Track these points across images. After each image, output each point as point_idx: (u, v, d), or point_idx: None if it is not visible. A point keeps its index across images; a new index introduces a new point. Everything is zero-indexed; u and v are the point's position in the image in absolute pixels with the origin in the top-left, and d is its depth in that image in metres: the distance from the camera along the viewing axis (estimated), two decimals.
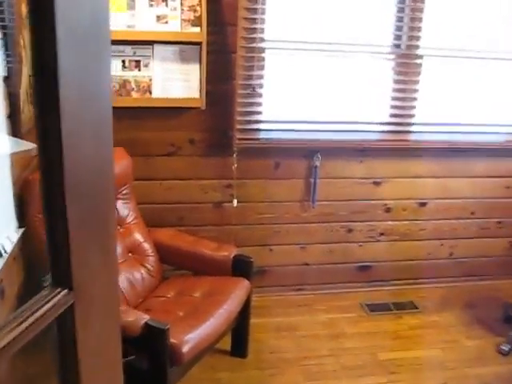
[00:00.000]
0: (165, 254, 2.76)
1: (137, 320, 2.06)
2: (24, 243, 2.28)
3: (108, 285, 1.10)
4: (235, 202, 3.07)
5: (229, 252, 2.66)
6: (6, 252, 1.98)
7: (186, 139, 2.98)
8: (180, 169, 3.02)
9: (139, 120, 2.90)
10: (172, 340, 2.07)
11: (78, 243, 0.93)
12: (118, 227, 2.68)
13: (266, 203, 3.16)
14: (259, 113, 2.95)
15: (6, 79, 2.10)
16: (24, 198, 2.25)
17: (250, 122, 2.94)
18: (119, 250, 2.63)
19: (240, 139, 2.92)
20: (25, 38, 2.27)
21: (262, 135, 2.98)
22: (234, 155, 2.98)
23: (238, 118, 2.89)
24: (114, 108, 2.69)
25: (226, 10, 2.77)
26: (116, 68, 2.74)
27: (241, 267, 2.63)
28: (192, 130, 2.96)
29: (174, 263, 2.79)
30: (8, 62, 2.09)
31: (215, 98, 2.90)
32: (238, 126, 2.90)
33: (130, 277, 2.62)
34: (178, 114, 2.89)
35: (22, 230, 2.22)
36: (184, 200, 3.08)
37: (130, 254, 2.68)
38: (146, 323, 2.05)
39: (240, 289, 2.54)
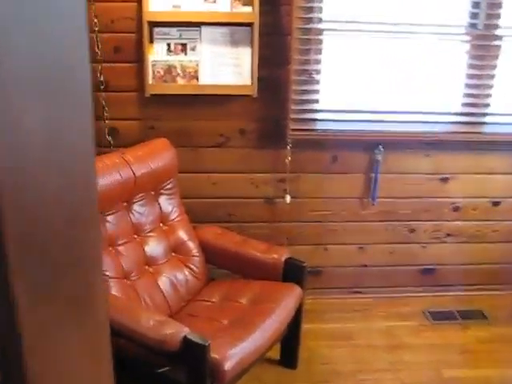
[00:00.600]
0: (210, 254, 2.56)
1: (176, 333, 1.86)
2: None
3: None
4: (288, 197, 2.83)
5: (279, 255, 2.43)
6: None
7: (237, 129, 2.75)
8: (229, 161, 2.80)
9: (185, 108, 2.69)
10: (214, 355, 1.87)
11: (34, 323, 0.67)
12: (161, 224, 2.50)
13: (322, 199, 2.90)
14: (316, 101, 2.68)
15: None
16: None
17: (305, 111, 2.68)
18: (161, 249, 2.46)
19: (294, 130, 2.66)
20: None
21: (319, 126, 2.72)
22: (288, 147, 2.74)
23: (293, 107, 2.64)
24: (157, 95, 2.51)
25: None
26: (161, 52, 2.54)
27: (293, 272, 2.39)
28: (243, 119, 2.73)
29: (220, 264, 2.58)
30: None
31: (268, 85, 2.66)
32: (293, 116, 2.65)
33: (173, 279, 2.44)
34: (227, 101, 2.67)
35: None
36: (233, 195, 2.86)
37: (173, 254, 2.50)
38: (185, 337, 1.85)
39: (291, 296, 2.31)
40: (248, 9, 2.46)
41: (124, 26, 2.54)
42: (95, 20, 2.51)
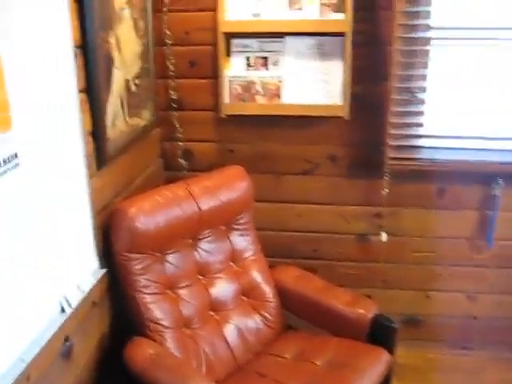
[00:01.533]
0: (287, 300, 2.21)
1: None
2: (108, 287, 1.90)
3: None
4: (384, 235, 2.41)
5: (366, 310, 2.02)
6: (70, 306, 1.58)
7: (326, 155, 2.38)
8: (317, 191, 2.44)
9: (267, 130, 2.37)
10: None
11: None
12: (232, 264, 2.19)
13: (425, 239, 2.44)
14: (419, 125, 2.24)
15: (86, 90, 1.70)
16: (109, 232, 1.85)
17: (407, 136, 2.25)
18: (230, 292, 2.15)
19: (393, 158, 2.24)
20: (119, 36, 1.85)
21: (423, 154, 2.26)
22: (386, 177, 2.31)
23: (392, 132, 2.21)
24: (235, 116, 2.21)
25: None
26: (239, 66, 2.23)
27: (381, 333, 1.98)
28: (332, 143, 2.36)
29: (297, 313, 2.22)
30: (88, 68, 1.68)
31: (362, 105, 2.26)
32: (392, 142, 2.23)
33: (242, 327, 2.12)
34: (315, 123, 2.30)
35: (103, 271, 1.83)
36: (320, 229, 2.49)
37: (243, 298, 2.18)
38: None
39: (377, 364, 1.90)
40: (340, 16, 2.08)
41: (200, 38, 2.27)
42: (167, 32, 2.26)
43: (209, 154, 2.44)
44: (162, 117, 2.39)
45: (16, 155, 1.34)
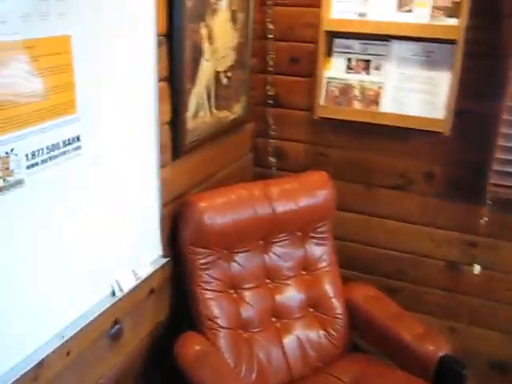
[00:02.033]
0: (355, 320, 2.08)
1: None
2: (170, 276, 1.90)
3: None
4: (478, 267, 2.17)
5: (436, 347, 1.83)
6: (121, 291, 1.60)
7: (422, 172, 2.19)
8: (409, 208, 2.26)
9: (362, 137, 2.23)
10: None
11: None
12: (303, 272, 2.10)
13: None
14: None
15: (168, 79, 1.69)
16: (177, 223, 1.84)
17: None
18: (297, 301, 2.07)
19: (497, 185, 2.00)
20: (211, 27, 1.83)
21: None
22: (487, 205, 2.07)
23: (499, 156, 1.97)
24: (330, 119, 2.11)
25: None
26: (339, 68, 2.11)
27: (447, 376, 1.78)
28: (431, 160, 2.16)
29: (364, 335, 2.08)
30: (172, 57, 1.67)
31: (468, 122, 2.04)
32: (498, 167, 1.98)
33: (303, 339, 2.03)
34: (413, 136, 2.12)
35: (166, 260, 1.83)
36: (408, 249, 2.31)
37: (310, 310, 2.08)
38: None
39: None
40: (452, 21, 1.88)
41: (304, 35, 2.19)
42: (270, 26, 2.19)
43: (300, 154, 2.36)
44: (257, 112, 2.35)
45: (78, 138, 1.37)
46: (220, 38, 1.90)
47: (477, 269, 2.17)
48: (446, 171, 2.14)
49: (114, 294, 1.60)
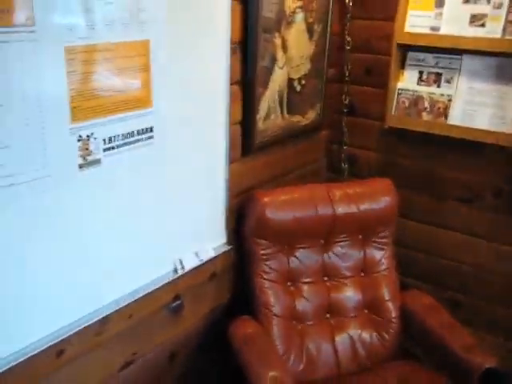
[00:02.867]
0: (409, 327, 2.12)
1: None
2: (233, 263, 2.07)
3: None
4: None
5: (483, 359, 1.83)
6: (183, 268, 1.80)
7: (491, 187, 2.18)
8: (476, 223, 2.25)
9: (431, 149, 2.27)
10: None
11: None
12: (362, 274, 2.18)
13: None
14: None
15: (240, 83, 1.87)
16: (242, 215, 2.01)
17: None
18: (353, 301, 2.15)
19: None
20: (286, 38, 1.98)
21: None
22: None
23: None
24: (400, 129, 2.18)
25: None
26: (411, 80, 2.18)
27: None
28: (500, 176, 2.15)
29: (415, 342, 2.11)
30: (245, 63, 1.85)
31: None
32: None
33: (356, 338, 2.10)
34: (483, 150, 2.12)
35: (228, 247, 2.00)
36: (472, 263, 2.30)
37: (365, 311, 2.15)
38: None
39: None
40: None
41: (380, 47, 2.28)
42: (348, 38, 2.31)
43: (371, 162, 2.44)
44: (333, 119, 2.47)
45: (151, 129, 1.59)
46: (294, 48, 2.05)
47: None
48: None
49: (176, 271, 1.79)
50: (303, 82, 2.16)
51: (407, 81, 2.19)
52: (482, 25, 1.96)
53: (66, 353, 1.49)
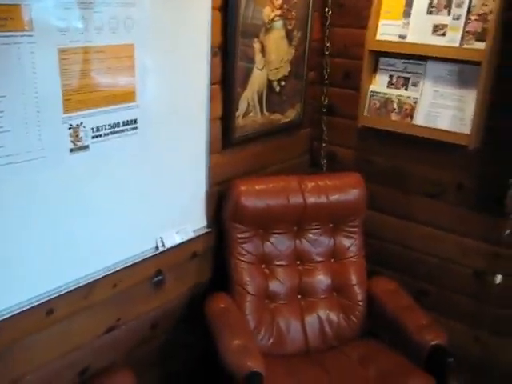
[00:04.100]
0: (373, 309, 2.31)
1: (244, 367, 1.80)
2: (213, 245, 2.28)
3: None
4: (499, 277, 2.30)
5: (432, 337, 2.02)
6: (163, 245, 2.02)
7: (454, 182, 2.36)
8: (441, 216, 2.43)
9: (401, 147, 2.45)
10: None
11: None
12: (332, 260, 2.38)
13: None
14: None
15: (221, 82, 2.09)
16: (223, 201, 2.22)
17: None
18: (323, 284, 2.35)
19: None
20: (264, 43, 2.20)
21: None
22: (509, 218, 2.21)
23: None
24: (373, 129, 2.38)
25: None
26: (382, 83, 2.38)
27: (437, 363, 1.97)
28: (462, 172, 2.33)
29: (376, 323, 2.30)
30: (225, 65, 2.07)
31: (496, 138, 2.19)
32: None
33: (324, 318, 2.31)
34: (446, 149, 2.30)
35: (207, 230, 2.22)
36: (438, 254, 2.48)
37: (334, 294, 2.35)
38: (248, 374, 1.78)
39: None
40: (481, 45, 2.07)
41: (356, 53, 2.47)
42: (327, 44, 2.51)
43: (348, 159, 2.64)
44: (314, 119, 2.67)
45: (135, 121, 1.81)
46: (273, 52, 2.26)
47: (498, 278, 2.29)
48: (476, 184, 2.30)
49: (157, 247, 2.02)
50: (283, 83, 2.37)
51: (378, 84, 2.39)
52: (443, 34, 2.15)
53: (55, 312, 1.72)
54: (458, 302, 2.45)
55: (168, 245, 2.04)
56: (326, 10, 2.48)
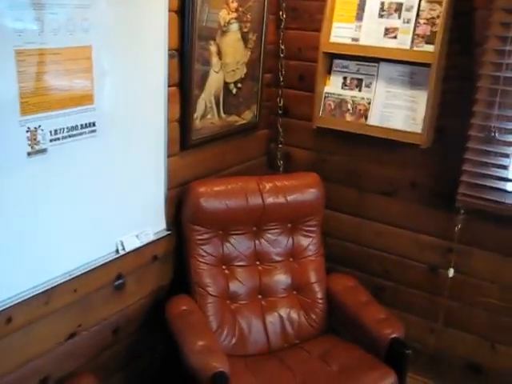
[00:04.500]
0: (333, 306, 2.36)
1: (209, 367, 1.81)
2: (173, 249, 2.28)
3: None
4: (451, 271, 2.39)
5: (391, 331, 2.08)
6: (124, 249, 2.00)
7: (407, 180, 2.45)
8: (396, 213, 2.51)
9: (356, 147, 2.52)
10: None
11: None
12: (291, 259, 2.42)
13: (496, 285, 2.34)
14: (503, 167, 2.17)
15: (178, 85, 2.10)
16: (182, 203, 2.22)
17: (485, 176, 2.20)
18: (283, 283, 2.39)
19: (465, 195, 2.22)
20: (220, 45, 2.22)
21: (507, 199, 2.18)
22: (461, 214, 2.30)
23: (467, 168, 2.20)
24: (328, 130, 2.42)
25: (476, 25, 2.11)
26: (336, 85, 2.44)
27: (395, 355, 2.03)
28: (415, 170, 2.41)
29: (337, 319, 2.35)
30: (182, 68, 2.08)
31: (445, 137, 2.29)
32: (466, 179, 2.21)
33: (285, 317, 2.34)
34: (399, 148, 2.38)
35: (167, 233, 2.22)
36: (394, 251, 2.56)
37: (294, 292, 2.39)
38: (214, 374, 1.78)
39: (380, 381, 1.98)
40: (430, 47, 2.15)
41: (310, 55, 2.52)
42: (282, 47, 2.56)
43: (304, 159, 2.68)
44: (270, 120, 2.71)
45: (94, 124, 1.80)
46: (230, 55, 2.28)
47: (451, 272, 2.38)
48: (428, 181, 2.39)
49: (117, 251, 2.00)
50: (239, 85, 2.40)
51: (333, 85, 2.44)
52: (395, 37, 2.23)
53: (14, 321, 1.68)
54: (414, 296, 2.53)
55: (128, 248, 2.02)
56: (280, 13, 2.52)
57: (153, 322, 2.23)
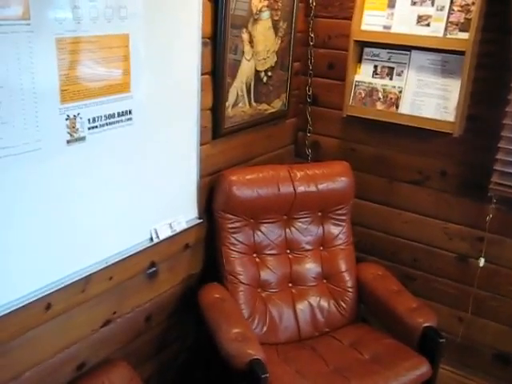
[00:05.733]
0: (362, 294, 2.36)
1: (245, 354, 1.82)
2: (205, 236, 2.29)
3: None
4: (482, 260, 2.38)
5: (423, 319, 2.08)
6: (158, 237, 2.01)
7: (438, 169, 2.43)
8: (425, 203, 2.50)
9: (386, 136, 2.51)
10: None
11: None
12: (321, 248, 2.42)
13: None
14: None
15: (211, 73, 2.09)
16: (213, 192, 2.23)
17: None
18: (313, 272, 2.39)
19: (499, 184, 2.20)
20: (252, 33, 2.21)
21: None
22: (493, 203, 2.29)
23: (501, 157, 2.18)
24: (358, 118, 2.42)
25: None
26: (367, 73, 2.42)
27: (428, 344, 2.03)
28: (445, 159, 2.40)
29: (367, 308, 2.36)
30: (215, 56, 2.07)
31: (478, 126, 2.26)
32: (499, 168, 2.19)
33: (315, 305, 2.34)
34: (429, 136, 2.36)
35: (199, 221, 2.22)
36: (423, 240, 2.55)
37: (324, 281, 2.39)
38: (250, 361, 1.79)
39: (414, 370, 1.98)
40: (464, 35, 2.13)
41: (340, 43, 2.51)
42: (312, 35, 2.54)
43: (333, 148, 2.68)
44: (299, 109, 2.70)
45: (130, 112, 1.80)
46: (261, 43, 2.27)
47: (481, 262, 2.37)
48: (459, 170, 2.37)
49: (151, 239, 2.01)
50: (270, 73, 2.39)
51: (363, 74, 2.43)
52: (428, 24, 2.20)
53: (53, 307, 1.70)
54: (443, 285, 2.53)
55: (162, 236, 2.03)
56: (310, 1, 2.51)
57: (184, 310, 2.25)
